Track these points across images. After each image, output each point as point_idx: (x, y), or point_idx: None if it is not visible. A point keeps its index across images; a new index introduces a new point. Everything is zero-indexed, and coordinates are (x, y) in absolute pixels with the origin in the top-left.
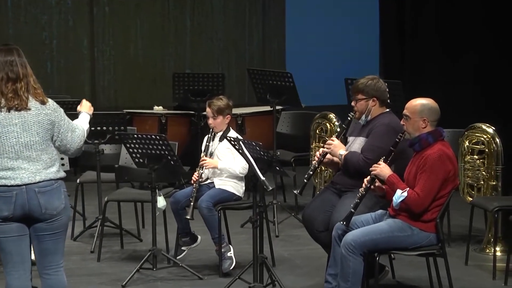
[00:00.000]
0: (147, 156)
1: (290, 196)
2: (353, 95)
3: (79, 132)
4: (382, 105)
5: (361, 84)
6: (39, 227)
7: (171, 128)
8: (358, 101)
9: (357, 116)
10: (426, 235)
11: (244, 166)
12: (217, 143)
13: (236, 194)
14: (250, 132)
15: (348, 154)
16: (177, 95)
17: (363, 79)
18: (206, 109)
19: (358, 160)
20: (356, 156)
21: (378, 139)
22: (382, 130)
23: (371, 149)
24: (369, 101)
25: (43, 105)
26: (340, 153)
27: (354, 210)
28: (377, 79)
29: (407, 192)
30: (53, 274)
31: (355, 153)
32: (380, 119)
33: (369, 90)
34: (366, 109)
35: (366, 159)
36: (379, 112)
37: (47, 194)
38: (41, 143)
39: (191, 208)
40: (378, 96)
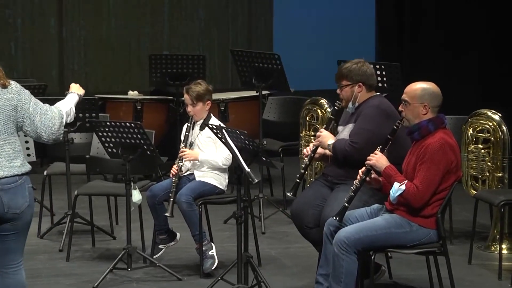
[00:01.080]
0: (121, 146)
1: (278, 189)
2: (337, 82)
3: (52, 114)
4: (369, 90)
5: (344, 69)
6: (1, 227)
7: (147, 115)
8: (342, 88)
9: (343, 105)
10: (426, 231)
11: (227, 157)
12: (197, 132)
13: (219, 187)
14: (234, 120)
15: (336, 142)
16: (154, 79)
17: (346, 63)
18: (184, 95)
19: (344, 145)
20: (342, 143)
21: (366, 122)
22: (371, 112)
23: (357, 132)
24: (355, 87)
25: (4, 89)
26: (328, 143)
27: (348, 204)
28: (362, 62)
29: (406, 185)
30: (12, 274)
31: (342, 140)
32: (368, 102)
33: (354, 75)
34: (352, 96)
35: (353, 143)
36: (367, 97)
37: (10, 192)
38: (2, 131)
39: (170, 205)
40: (364, 80)
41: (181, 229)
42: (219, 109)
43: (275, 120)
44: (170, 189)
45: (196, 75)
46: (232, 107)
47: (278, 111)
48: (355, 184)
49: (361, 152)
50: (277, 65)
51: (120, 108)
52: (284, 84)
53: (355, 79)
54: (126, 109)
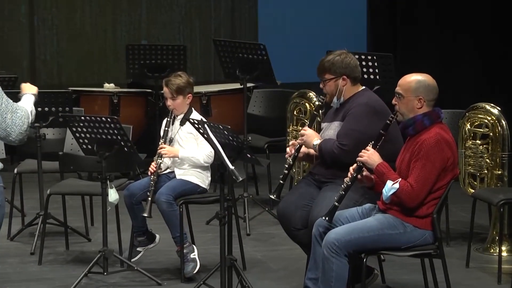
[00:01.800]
0: (96, 142)
1: (263, 188)
2: (319, 76)
3: (21, 113)
4: (354, 83)
5: (326, 62)
6: None
7: (125, 109)
8: (326, 82)
9: (327, 100)
10: (421, 232)
11: (209, 154)
12: (177, 128)
13: (201, 185)
14: (217, 114)
15: (322, 142)
16: (131, 71)
17: (328, 56)
18: (163, 88)
19: (332, 147)
20: (330, 144)
21: (355, 122)
22: (360, 110)
23: (346, 133)
24: (339, 81)
25: None
26: (314, 144)
27: (338, 203)
28: (345, 53)
29: (399, 183)
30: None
31: (329, 140)
32: (356, 98)
33: (337, 68)
34: (336, 90)
35: (341, 145)
36: (353, 91)
37: None
38: None
39: (148, 204)
40: (348, 73)
41: (160, 230)
42: (201, 103)
43: (260, 115)
44: (148, 188)
45: (176, 67)
46: (215, 100)
47: (263, 105)
48: (345, 182)
49: (350, 154)
50: (263, 56)
51: (95, 102)
52: (270, 76)
53: (339, 72)
54: (101, 102)
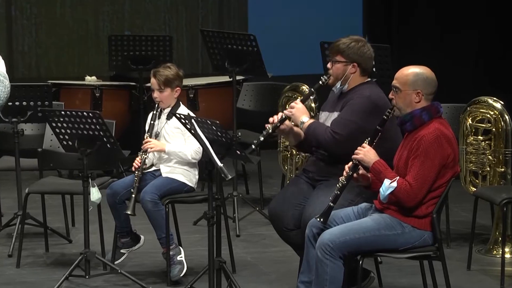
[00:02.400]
0: (77, 138)
1: (254, 186)
2: (330, 55)
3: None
4: (363, 74)
5: (342, 44)
6: None
7: (107, 103)
8: (335, 63)
9: (331, 82)
10: (419, 233)
11: (197, 149)
12: (164, 122)
13: (188, 184)
14: (205, 108)
15: (314, 123)
16: (114, 63)
17: (346, 38)
18: (151, 79)
19: (324, 132)
20: (322, 128)
21: (353, 113)
22: (360, 103)
23: (342, 122)
24: (349, 66)
25: None
26: (302, 120)
27: (333, 203)
28: (363, 42)
29: (397, 181)
30: None
31: (322, 125)
32: (359, 90)
33: (351, 53)
34: (343, 75)
35: (334, 133)
36: (359, 81)
37: None
38: None
39: (132, 201)
40: (360, 62)
41: (145, 231)
42: (188, 97)
43: (250, 109)
44: (132, 186)
45: (161, 58)
46: (203, 94)
47: (254, 99)
48: (340, 181)
49: (340, 144)
50: (253, 47)
51: (76, 96)
52: (260, 69)
53: (351, 58)
54: (83, 96)
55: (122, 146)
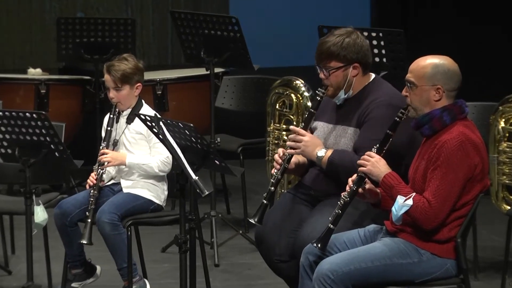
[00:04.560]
0: (18, 145)
1: (236, 204)
2: (320, 63)
3: None
4: (366, 71)
5: (333, 45)
6: None
7: (55, 101)
8: (331, 71)
9: (330, 94)
10: (441, 262)
11: (165, 160)
12: (123, 127)
13: (154, 201)
14: (176, 108)
15: (335, 154)
16: (64, 52)
17: (332, 36)
18: (104, 75)
19: (353, 162)
20: (349, 158)
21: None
22: (383, 114)
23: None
24: (349, 69)
25: None
26: (318, 155)
27: (334, 225)
28: (354, 33)
29: (413, 198)
30: None
31: (345, 153)
32: (370, 93)
33: (348, 53)
34: (345, 82)
35: None
36: (364, 82)
37: None
38: None
39: (88, 227)
40: (360, 59)
41: (102, 260)
42: (155, 94)
43: (232, 109)
44: (86, 205)
45: (122, 47)
46: (173, 90)
47: (236, 97)
48: (343, 197)
49: None
50: (235, 32)
51: (16, 92)
52: (244, 59)
53: (350, 59)
54: (25, 93)
55: (74, 154)
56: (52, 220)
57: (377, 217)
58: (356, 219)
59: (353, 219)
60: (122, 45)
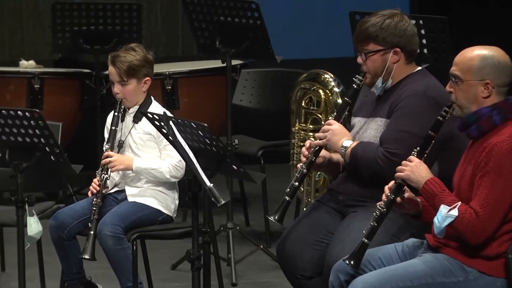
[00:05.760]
0: (8, 147)
1: (256, 215)
2: (358, 45)
3: None
4: (409, 60)
5: (372, 26)
6: None
7: (51, 98)
8: (369, 55)
9: (368, 81)
10: (489, 281)
11: (177, 164)
12: (130, 126)
13: (163, 211)
14: (188, 106)
15: (358, 145)
16: (61, 41)
17: (374, 17)
18: (109, 68)
19: (375, 156)
20: (371, 149)
21: (409, 119)
22: (414, 103)
23: (397, 137)
24: (388, 54)
25: None
26: (343, 145)
27: (368, 239)
28: (399, 15)
29: (458, 209)
30: None
31: (369, 145)
32: (409, 83)
33: (387, 36)
34: (383, 68)
35: (389, 154)
36: (406, 72)
37: None
38: None
39: (90, 240)
40: (402, 44)
41: (104, 278)
42: (164, 89)
43: (252, 107)
44: (86, 215)
45: (126, 35)
46: (184, 85)
47: (256, 93)
48: (379, 208)
49: None
50: (255, 19)
51: (6, 87)
52: (266, 50)
53: (390, 42)
54: (16, 88)
55: (72, 158)
56: (47, 233)
57: (417, 230)
58: (394, 232)
59: (390, 233)
60: (126, 34)
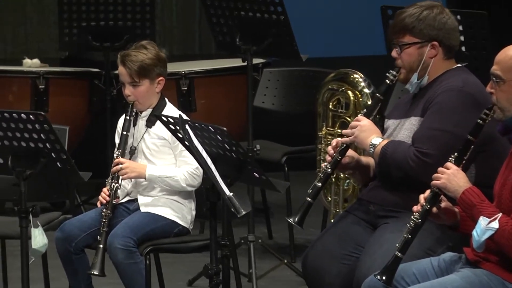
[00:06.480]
0: (11, 153)
1: (280, 227)
2: (394, 37)
3: None
4: (448, 55)
5: (409, 16)
6: None
7: (57, 99)
8: (404, 48)
9: (402, 77)
10: None
11: (194, 171)
12: (142, 131)
13: (179, 223)
14: (205, 108)
15: (389, 144)
16: (67, 38)
17: (411, 7)
18: (119, 68)
19: (406, 156)
20: (403, 149)
21: (443, 118)
22: (450, 99)
23: (429, 135)
24: (425, 48)
25: None
26: (371, 143)
27: (401, 253)
28: (439, 7)
29: (499, 221)
30: None
31: (401, 144)
32: (444, 80)
33: (425, 28)
34: (419, 63)
35: (421, 154)
36: (444, 68)
37: None
38: None
39: (99, 254)
40: (441, 38)
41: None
42: (179, 91)
43: (274, 109)
44: (94, 227)
45: (139, 32)
46: (202, 86)
47: (280, 94)
48: (413, 219)
49: (434, 170)
50: (279, 14)
51: (9, 88)
52: (290, 48)
53: (427, 35)
54: (19, 89)
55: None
56: (53, 246)
57: (454, 243)
58: (429, 245)
59: (425, 246)
60: (139, 30)
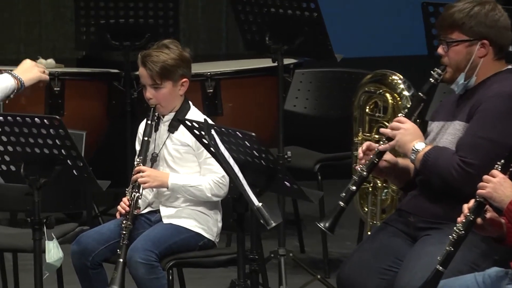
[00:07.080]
0: (24, 160)
1: (313, 240)
2: (441, 33)
3: None
4: (498, 56)
5: (459, 12)
6: None
7: (73, 102)
8: (451, 45)
9: (448, 76)
10: None
11: (220, 180)
12: (165, 137)
13: (204, 235)
14: (232, 112)
15: (432, 151)
16: (85, 37)
17: (462, 2)
18: (139, 69)
19: (449, 164)
20: (446, 157)
21: (489, 124)
22: (498, 105)
23: (474, 144)
24: (475, 47)
25: None
26: (414, 148)
27: (443, 267)
28: (491, 3)
29: None
30: None
31: (444, 151)
32: (495, 83)
33: (475, 25)
34: (468, 62)
35: (464, 164)
36: (493, 70)
37: None
38: None
39: (119, 268)
40: (492, 36)
41: None
42: (204, 93)
43: (307, 113)
44: (114, 239)
45: (161, 30)
46: (228, 88)
47: (312, 97)
48: (456, 230)
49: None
50: (312, 11)
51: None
52: (324, 47)
53: (478, 32)
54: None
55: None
56: (69, 260)
57: (501, 256)
58: (473, 259)
59: (469, 259)
60: (161, 28)
